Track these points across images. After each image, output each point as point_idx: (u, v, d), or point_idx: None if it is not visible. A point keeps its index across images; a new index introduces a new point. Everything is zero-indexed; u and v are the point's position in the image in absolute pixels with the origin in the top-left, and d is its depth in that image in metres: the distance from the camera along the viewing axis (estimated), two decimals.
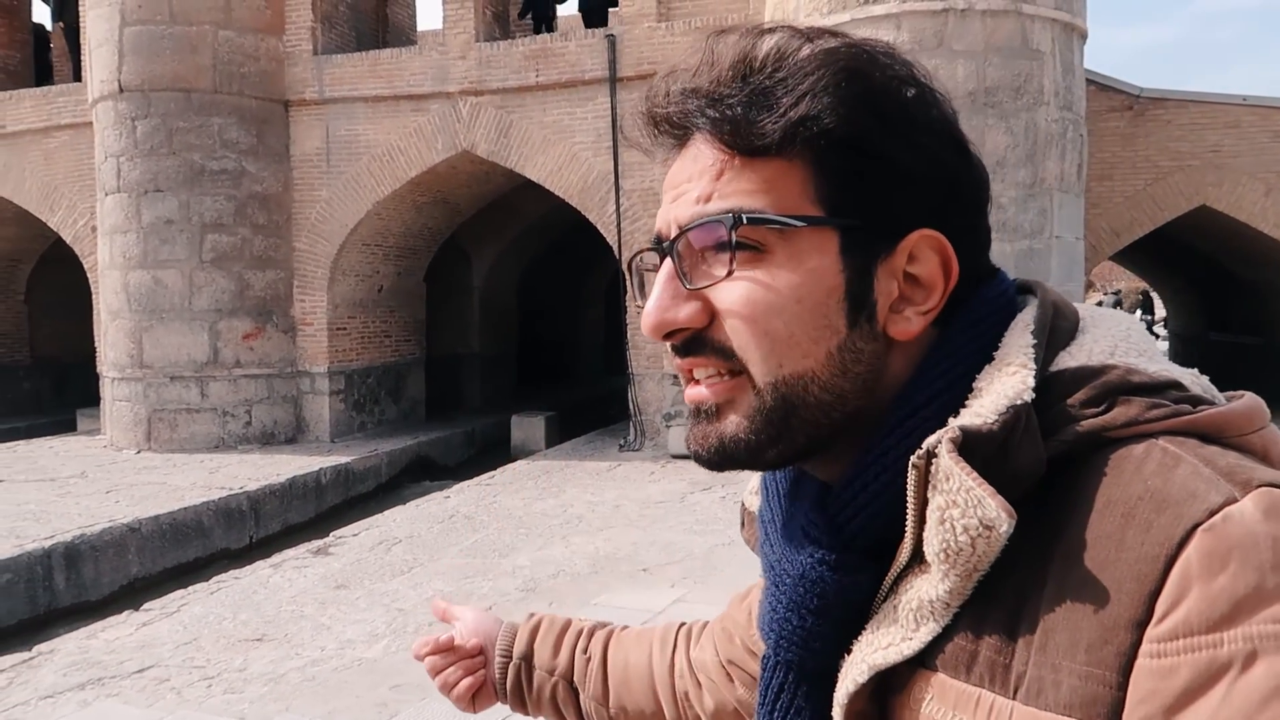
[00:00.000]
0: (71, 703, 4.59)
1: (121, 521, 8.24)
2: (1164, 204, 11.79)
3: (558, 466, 10.70)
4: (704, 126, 0.63)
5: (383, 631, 5.45)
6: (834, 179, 0.61)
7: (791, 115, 0.60)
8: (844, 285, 0.61)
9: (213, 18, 11.94)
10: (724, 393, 0.63)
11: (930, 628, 0.57)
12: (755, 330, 0.61)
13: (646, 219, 11.40)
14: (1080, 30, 9.62)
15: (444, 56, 12.07)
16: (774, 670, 0.66)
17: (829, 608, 0.62)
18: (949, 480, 0.54)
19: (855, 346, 0.62)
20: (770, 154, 0.61)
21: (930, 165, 0.63)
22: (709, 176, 0.63)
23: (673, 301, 0.64)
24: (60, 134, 13.88)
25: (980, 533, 0.54)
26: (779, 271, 0.61)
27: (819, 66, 0.61)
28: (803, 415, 0.62)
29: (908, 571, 0.60)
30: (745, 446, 0.63)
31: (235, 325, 12.18)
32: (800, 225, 0.61)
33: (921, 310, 0.63)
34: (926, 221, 0.62)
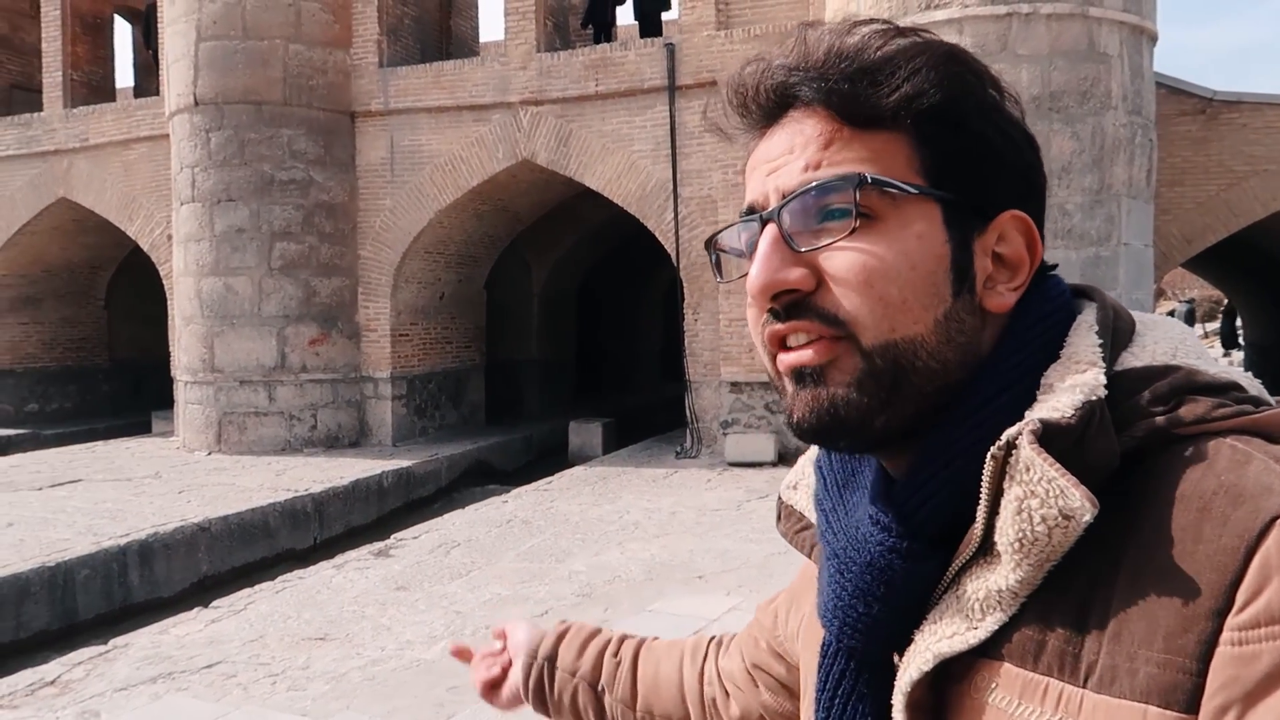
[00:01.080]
0: (144, 695, 4.76)
1: (193, 521, 8.51)
2: (1238, 210, 11.42)
3: (614, 473, 10.76)
4: (812, 98, 0.65)
5: (441, 633, 5.54)
6: (937, 153, 0.63)
7: (905, 89, 0.62)
8: (949, 255, 0.63)
9: (283, 32, 12.30)
10: (827, 353, 0.63)
11: (997, 617, 0.58)
12: (871, 295, 0.62)
13: (704, 226, 11.42)
14: (1150, 32, 9.40)
15: (505, 67, 12.25)
16: (834, 657, 0.67)
17: (894, 595, 0.63)
18: (1029, 471, 0.56)
19: (959, 316, 0.63)
20: (879, 126, 0.63)
21: (1015, 152, 0.66)
22: (815, 146, 0.64)
23: (782, 263, 0.64)
24: (139, 146, 14.40)
25: (1058, 523, 0.55)
26: (892, 238, 0.62)
27: (921, 50, 0.64)
28: (912, 381, 0.62)
29: (973, 561, 0.60)
30: (858, 410, 0.63)
31: (302, 331, 12.50)
32: (913, 192, 0.62)
33: (1012, 286, 0.65)
34: (1012, 205, 0.65)
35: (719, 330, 11.33)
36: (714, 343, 11.46)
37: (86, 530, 8.17)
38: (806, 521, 0.79)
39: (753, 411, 11.19)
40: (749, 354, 11.15)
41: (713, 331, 11.45)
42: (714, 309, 11.42)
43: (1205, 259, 14.66)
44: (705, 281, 11.53)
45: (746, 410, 11.21)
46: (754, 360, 11.10)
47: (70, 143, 14.85)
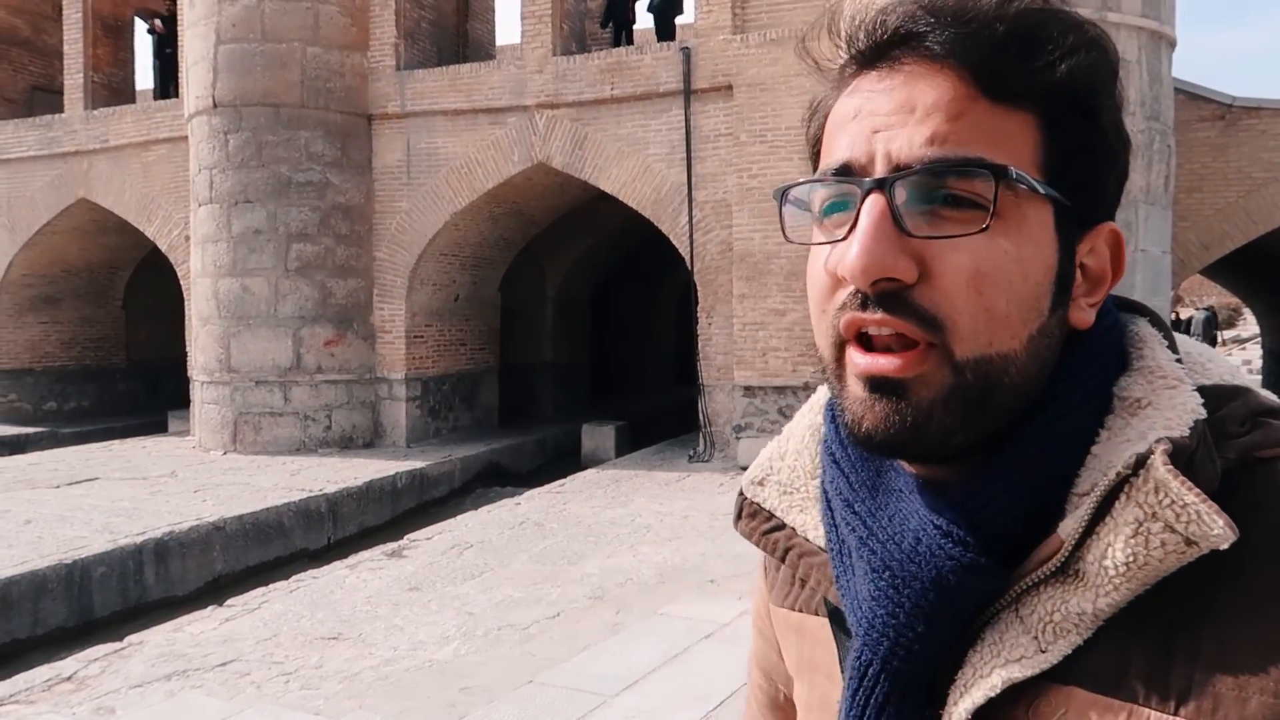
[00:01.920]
0: (159, 692, 4.79)
1: (208, 520, 8.57)
2: (1257, 217, 11.35)
3: (627, 476, 10.76)
4: (948, 54, 0.57)
5: (453, 634, 5.56)
6: (1063, 147, 0.58)
7: (1059, 67, 0.56)
8: (1057, 265, 0.58)
9: (301, 35, 12.38)
10: (913, 366, 0.57)
11: (1071, 640, 0.55)
12: (979, 303, 0.56)
13: (719, 230, 11.42)
14: (1168, 38, 9.36)
15: (521, 70, 12.29)
16: (877, 680, 0.61)
17: (957, 615, 0.58)
18: (1159, 493, 0.52)
19: (1050, 332, 0.59)
20: (1016, 103, 0.57)
21: (1125, 156, 0.61)
22: (943, 114, 0.56)
23: (889, 246, 0.56)
24: (158, 147, 14.52)
25: (1178, 548, 0.52)
26: (1010, 241, 0.56)
27: (1074, 25, 0.58)
28: (998, 399, 0.57)
29: (1046, 580, 0.56)
30: (939, 429, 0.57)
31: (317, 332, 12.56)
32: (1044, 192, 0.56)
33: (1091, 302, 0.61)
34: (1109, 213, 0.61)
35: (732, 334, 11.32)
36: (727, 347, 11.45)
37: (103, 528, 8.24)
38: (778, 521, 0.74)
39: (766, 416, 11.17)
40: (762, 358, 11.14)
41: (726, 335, 11.45)
42: (728, 313, 11.42)
43: (1223, 266, 14.56)
44: (719, 285, 11.53)
45: (760, 414, 11.20)
46: (767, 364, 11.10)
47: (90, 144, 14.98)
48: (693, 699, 4.47)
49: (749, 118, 11.08)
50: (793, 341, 11.01)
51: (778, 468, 0.76)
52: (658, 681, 4.72)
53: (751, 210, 11.07)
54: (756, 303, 11.13)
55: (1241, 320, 43.56)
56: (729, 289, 11.37)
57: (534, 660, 5.09)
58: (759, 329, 11.11)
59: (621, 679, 4.73)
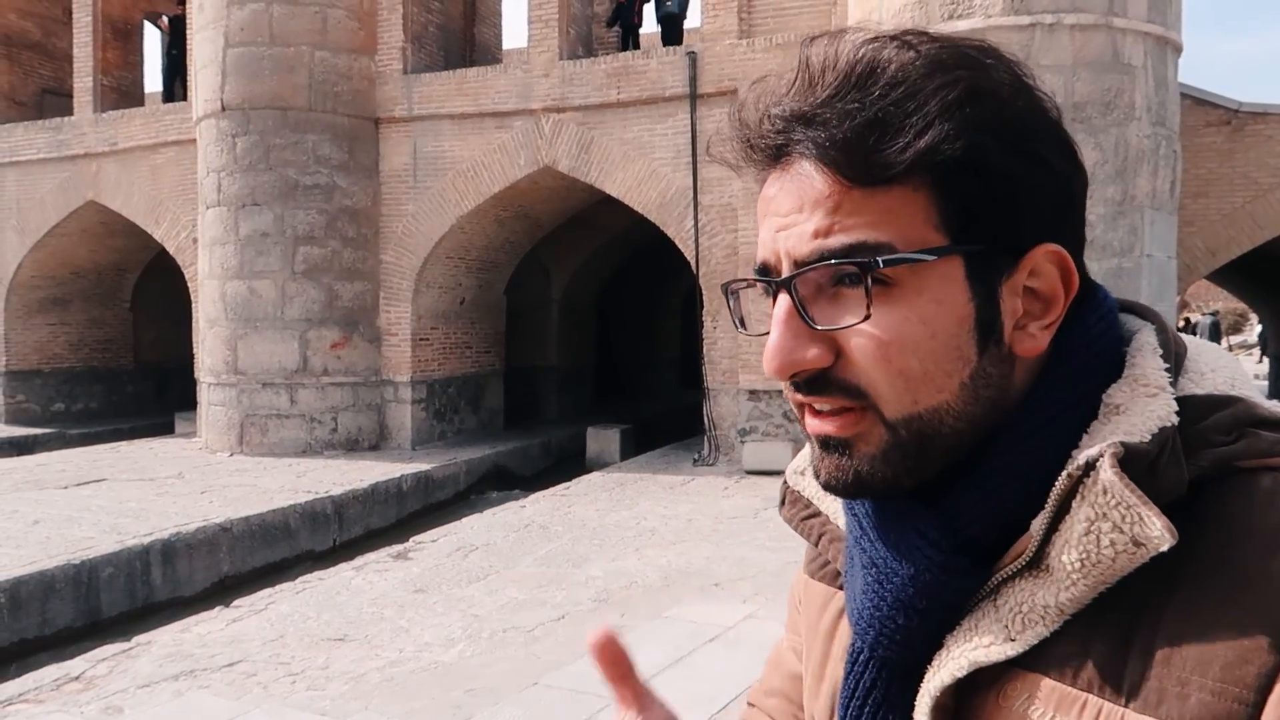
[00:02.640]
0: (166, 692, 4.82)
1: (214, 521, 8.60)
2: (1264, 222, 11.33)
3: (632, 479, 10.78)
4: (814, 155, 0.61)
5: (459, 636, 5.58)
6: (957, 204, 0.59)
7: (918, 145, 0.58)
8: (973, 313, 0.60)
9: (309, 39, 12.44)
10: (851, 427, 0.62)
11: (1038, 631, 0.58)
12: (890, 370, 0.60)
13: (724, 234, 11.44)
14: (1174, 43, 9.35)
15: (528, 74, 12.33)
16: (866, 666, 0.66)
17: (936, 608, 0.62)
18: (1106, 494, 0.55)
19: (985, 372, 0.61)
20: (892, 183, 0.59)
21: (1047, 176, 0.61)
22: (825, 208, 0.60)
23: (796, 342, 0.62)
24: (166, 150, 14.59)
25: (1127, 548, 0.55)
26: (909, 307, 0.59)
27: (936, 87, 0.58)
28: (938, 445, 0.61)
29: (1019, 573, 0.60)
30: (882, 480, 0.62)
31: (324, 334, 12.61)
32: (932, 259, 0.59)
33: (1044, 324, 0.62)
34: (1046, 235, 0.61)
35: (737, 338, 11.34)
36: (732, 350, 11.47)
37: (110, 529, 8.28)
38: (815, 508, 0.78)
39: (770, 420, 11.19)
40: None
41: (731, 339, 11.46)
42: None
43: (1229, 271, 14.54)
44: None
45: (764, 418, 11.21)
46: None
47: (99, 146, 15.06)
48: (697, 701, 4.49)
49: None
50: None
51: None
52: (662, 684, 4.74)
53: (756, 215, 11.07)
54: (763, 305, 11.12)
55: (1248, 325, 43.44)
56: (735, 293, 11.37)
57: (539, 662, 5.11)
58: (765, 333, 11.10)
59: None
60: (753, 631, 5.48)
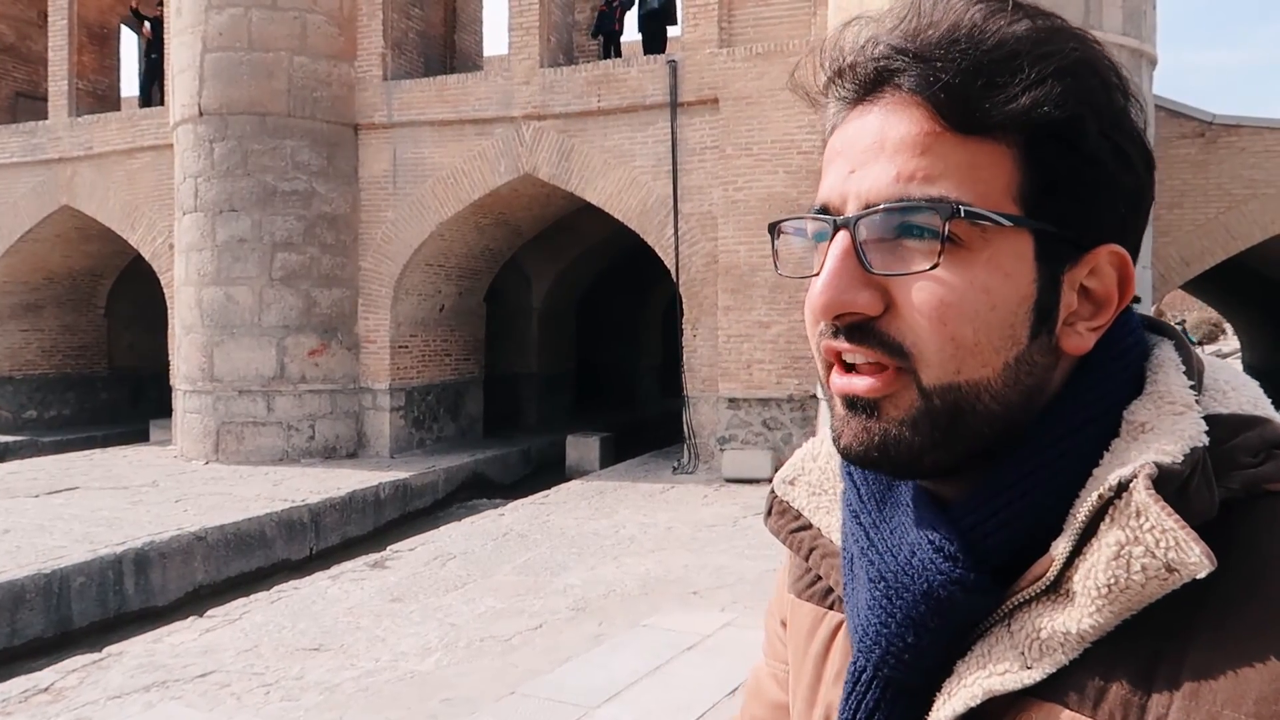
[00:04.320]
0: (137, 704, 4.75)
1: (189, 530, 8.51)
2: (1237, 233, 11.48)
3: (611, 487, 10.76)
4: (916, 89, 0.58)
5: (435, 645, 5.54)
6: (1043, 176, 0.58)
7: (1023, 100, 0.56)
8: (1035, 294, 0.58)
9: (288, 44, 12.38)
10: (885, 388, 0.59)
11: (1056, 659, 0.55)
12: (942, 333, 0.57)
13: (704, 242, 11.47)
14: (1149, 56, 9.47)
15: (509, 82, 12.33)
16: (869, 686, 0.63)
17: (947, 627, 0.59)
18: (1140, 517, 0.53)
19: (1031, 359, 0.59)
20: (985, 135, 0.57)
21: (1128, 174, 0.60)
22: (910, 150, 0.58)
23: (850, 281, 0.59)
24: (143, 155, 14.46)
25: (1159, 574, 0.52)
26: (976, 273, 0.57)
27: (1048, 52, 0.57)
28: (969, 424, 0.59)
29: (1037, 598, 0.57)
30: (907, 449, 0.59)
31: (302, 341, 12.52)
32: (1007, 225, 0.57)
33: (1092, 326, 0.60)
34: (1113, 235, 0.60)
35: (717, 346, 11.35)
36: (712, 359, 11.48)
37: (83, 538, 8.17)
38: (805, 521, 0.75)
39: (750, 428, 11.20)
40: (747, 370, 11.17)
41: (711, 348, 11.48)
42: (713, 325, 11.45)
43: (1204, 281, 14.72)
44: (704, 298, 11.57)
45: (744, 426, 11.22)
46: (752, 377, 11.13)
47: (74, 151, 14.91)
48: (674, 710, 4.47)
49: (735, 131, 11.15)
50: (777, 354, 11.05)
51: (809, 468, 0.77)
52: (639, 693, 4.72)
53: (737, 223, 11.12)
54: (741, 315, 11.17)
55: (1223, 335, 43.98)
56: (714, 301, 11.42)
57: (516, 671, 5.08)
58: (743, 341, 11.15)
59: (603, 690, 4.72)
60: (731, 640, 5.47)
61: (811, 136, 10.83)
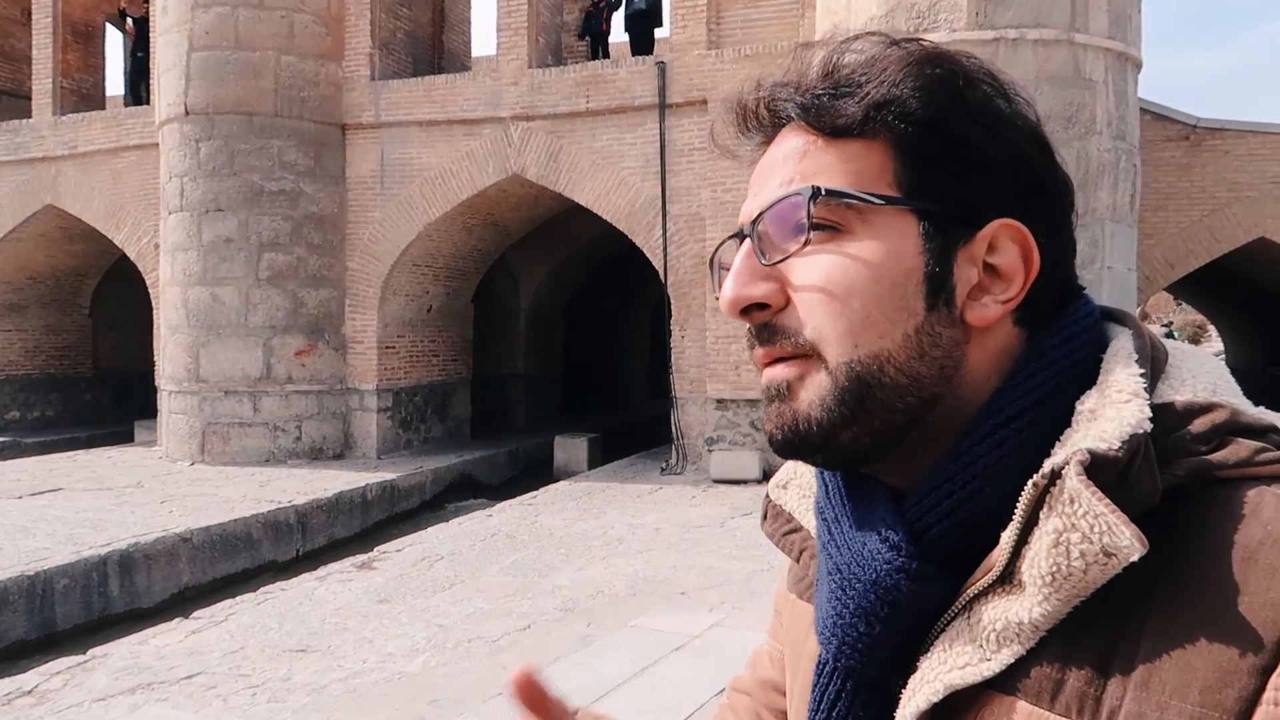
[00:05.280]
0: (122, 706, 4.72)
1: (174, 531, 8.46)
2: (1221, 235, 11.58)
3: (599, 488, 10.75)
4: (791, 112, 0.65)
5: (423, 646, 5.52)
6: (913, 161, 0.61)
7: (874, 96, 0.61)
8: (923, 267, 0.61)
9: (275, 44, 12.33)
10: (796, 371, 0.63)
11: (1014, 650, 0.55)
12: (831, 308, 0.61)
13: (693, 243, 11.48)
14: (1134, 59, 9.53)
15: (497, 82, 12.31)
16: (831, 677, 0.64)
17: (899, 617, 0.60)
18: (1073, 504, 0.53)
19: (933, 330, 0.61)
20: (852, 135, 0.62)
21: (1011, 155, 0.62)
22: (792, 161, 0.64)
23: (750, 278, 0.64)
24: (128, 154, 14.38)
25: (1098, 559, 0.52)
26: (857, 250, 0.61)
27: (903, 57, 0.63)
28: (879, 397, 0.60)
29: (991, 589, 0.57)
30: (819, 426, 0.61)
31: (288, 342, 12.46)
32: (878, 203, 0.61)
33: (1001, 299, 0.62)
34: (1008, 212, 0.62)
35: (705, 347, 11.37)
36: (700, 360, 11.49)
37: (66, 539, 8.11)
38: (796, 523, 0.76)
39: (738, 429, 11.22)
40: (735, 371, 11.19)
41: (699, 349, 11.49)
42: (701, 326, 11.46)
43: (1188, 283, 14.82)
44: (693, 299, 11.58)
45: (732, 427, 11.24)
46: (740, 378, 11.15)
47: (59, 150, 14.81)
48: (662, 710, 4.47)
49: (723, 132, 11.14)
50: None
51: (801, 472, 0.78)
52: (628, 693, 4.72)
53: (725, 224, 11.13)
54: (729, 316, 11.17)
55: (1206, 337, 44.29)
56: (702, 302, 11.43)
57: (504, 672, 5.06)
58: (731, 342, 11.17)
59: (592, 691, 4.72)
60: (719, 640, 5.47)
61: None
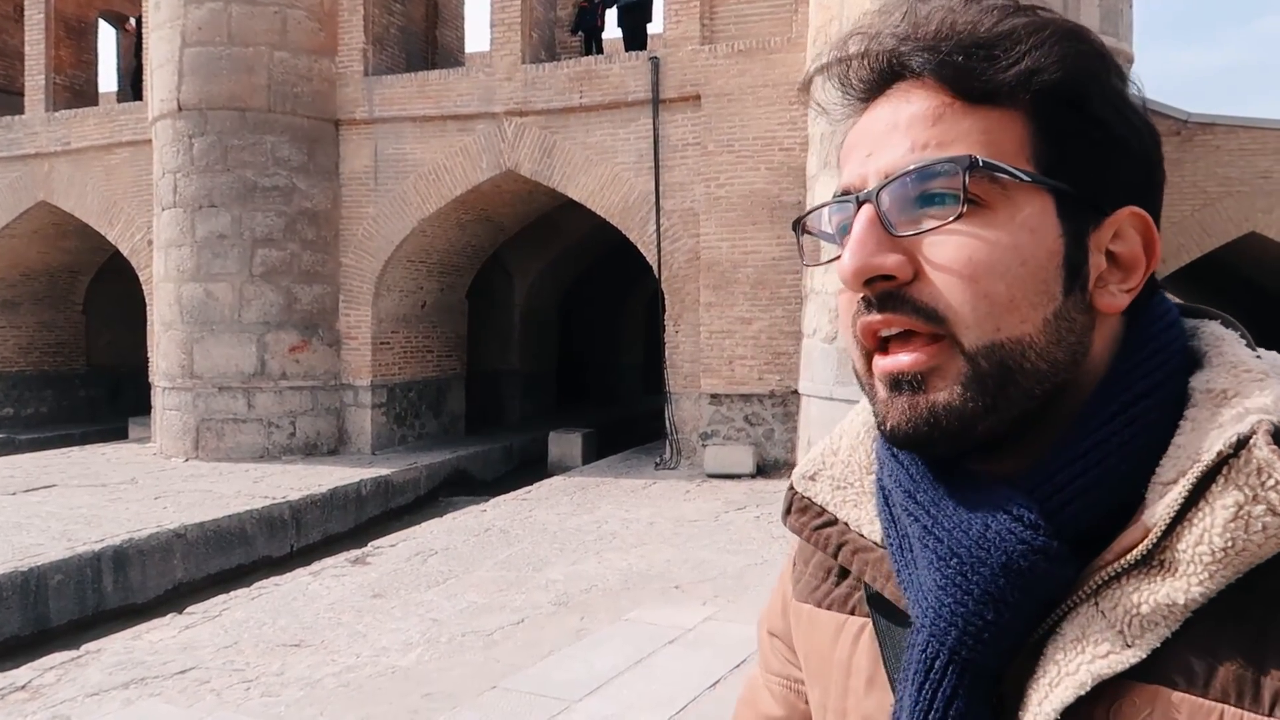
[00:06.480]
0: (116, 701, 4.73)
1: (168, 527, 8.46)
2: (1212, 230, 11.61)
3: (593, 483, 10.77)
4: (921, 68, 0.60)
5: (417, 641, 5.54)
6: (1053, 137, 0.59)
7: (1022, 65, 0.58)
8: (1063, 250, 0.58)
9: (269, 39, 12.30)
10: (929, 360, 0.59)
11: (1159, 634, 0.53)
12: (975, 291, 0.57)
13: (686, 239, 11.49)
14: (1126, 54, 9.56)
15: (490, 78, 12.30)
16: (944, 673, 0.59)
17: (1028, 602, 0.57)
18: (1261, 474, 0.52)
19: (1069, 315, 0.59)
20: (993, 103, 0.59)
21: (1136, 139, 0.61)
22: (924, 123, 0.60)
23: (877, 247, 0.59)
24: (121, 150, 14.34)
25: (1277, 532, 0.51)
26: (1000, 229, 0.58)
27: (1044, 25, 0.60)
28: (1020, 384, 0.58)
29: (1126, 572, 0.55)
30: (960, 417, 0.58)
31: (282, 338, 12.46)
32: (1027, 180, 0.58)
33: (1125, 287, 0.61)
34: (1131, 199, 0.61)
35: (699, 343, 11.39)
36: (694, 355, 11.51)
37: (60, 535, 8.11)
38: (831, 516, 0.72)
39: (732, 424, 11.24)
40: (729, 366, 11.21)
41: (693, 344, 11.51)
42: (695, 321, 11.48)
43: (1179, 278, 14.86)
44: (687, 294, 11.59)
45: (726, 422, 11.26)
46: (734, 372, 11.17)
47: (51, 146, 14.76)
48: (656, 704, 4.49)
49: (716, 128, 11.17)
50: (759, 350, 11.09)
51: (830, 463, 0.75)
52: (621, 687, 4.74)
53: (719, 219, 11.15)
54: (723, 311, 11.21)
55: None
56: (696, 297, 11.44)
57: (498, 666, 5.09)
58: (725, 337, 11.18)
59: (585, 684, 4.74)
60: (712, 634, 5.50)
61: (793, 134, 10.87)
